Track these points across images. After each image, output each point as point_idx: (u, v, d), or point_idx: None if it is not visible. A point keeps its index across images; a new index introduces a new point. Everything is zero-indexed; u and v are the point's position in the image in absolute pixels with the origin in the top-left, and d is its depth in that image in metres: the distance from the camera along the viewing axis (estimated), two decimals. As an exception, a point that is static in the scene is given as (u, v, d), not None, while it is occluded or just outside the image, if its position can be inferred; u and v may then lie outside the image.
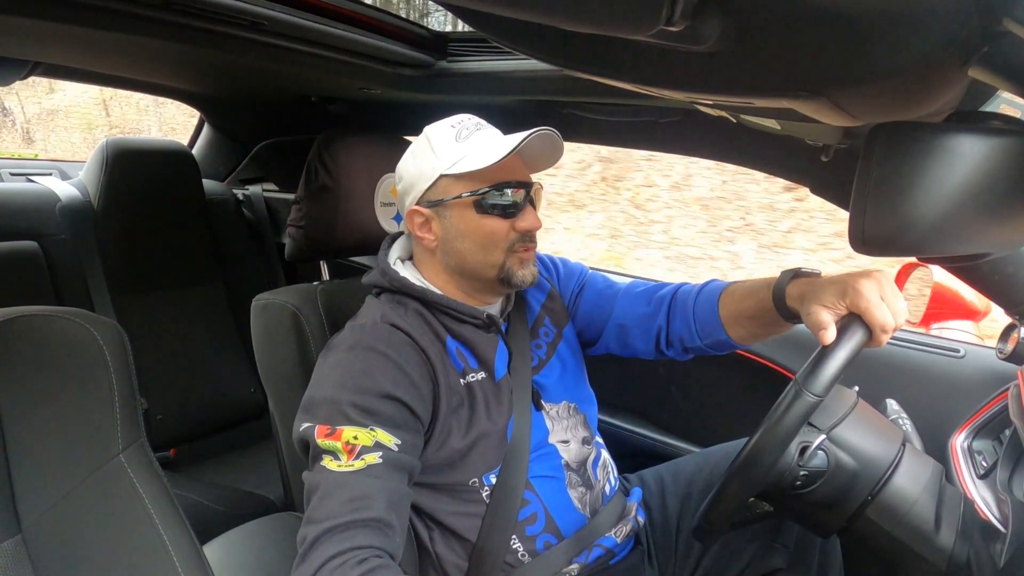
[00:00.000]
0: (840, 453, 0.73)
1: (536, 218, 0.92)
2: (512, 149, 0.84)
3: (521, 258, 0.91)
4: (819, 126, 0.69)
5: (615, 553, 0.95)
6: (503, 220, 0.89)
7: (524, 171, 0.93)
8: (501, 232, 0.89)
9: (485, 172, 0.87)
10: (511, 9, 0.39)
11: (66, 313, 0.72)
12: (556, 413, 0.98)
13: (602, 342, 1.06)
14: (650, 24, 0.36)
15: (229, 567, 1.03)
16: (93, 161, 1.74)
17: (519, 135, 0.86)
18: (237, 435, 1.89)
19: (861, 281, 0.73)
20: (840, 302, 0.74)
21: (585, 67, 0.56)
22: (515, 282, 0.91)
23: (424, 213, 0.91)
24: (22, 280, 1.56)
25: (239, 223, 2.03)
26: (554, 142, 0.90)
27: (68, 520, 0.68)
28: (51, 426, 0.69)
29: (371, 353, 0.83)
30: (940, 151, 0.46)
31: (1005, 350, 0.93)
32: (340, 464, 0.74)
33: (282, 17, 0.93)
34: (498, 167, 0.86)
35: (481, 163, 0.86)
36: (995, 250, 0.58)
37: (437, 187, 0.90)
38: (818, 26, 0.38)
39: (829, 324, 0.74)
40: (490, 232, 0.89)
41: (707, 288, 0.98)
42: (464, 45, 1.21)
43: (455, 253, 0.91)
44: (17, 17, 0.83)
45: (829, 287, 0.76)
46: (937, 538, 0.69)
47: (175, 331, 1.81)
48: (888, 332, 0.72)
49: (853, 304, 0.73)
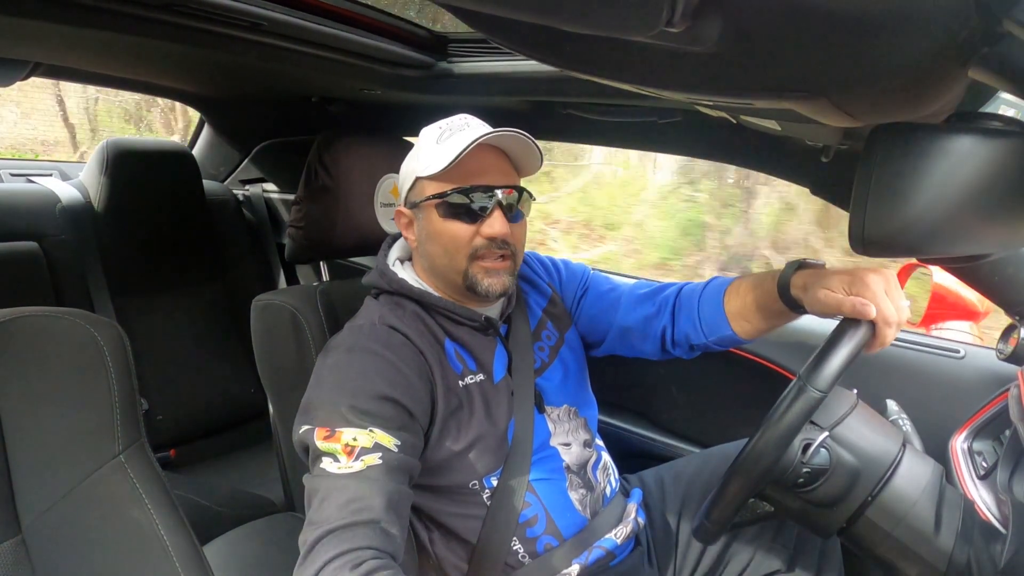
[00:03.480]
0: (842, 451, 0.73)
1: (503, 224, 0.86)
2: (463, 149, 0.82)
3: (486, 267, 0.87)
4: (819, 127, 0.68)
5: (615, 554, 0.95)
6: (467, 225, 0.87)
7: (504, 175, 0.89)
8: (463, 237, 0.87)
9: (453, 173, 0.85)
10: (511, 10, 0.39)
11: (66, 313, 0.72)
12: (558, 416, 0.98)
13: (606, 345, 1.06)
14: (650, 25, 0.36)
15: (229, 567, 1.03)
16: (93, 162, 1.74)
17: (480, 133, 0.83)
18: (237, 435, 1.89)
19: (868, 274, 0.74)
20: (845, 292, 0.74)
21: (585, 68, 0.56)
22: (480, 291, 0.88)
23: (407, 214, 0.93)
24: (22, 280, 1.56)
25: (239, 223, 2.03)
26: (525, 143, 0.86)
27: (68, 520, 0.68)
28: (51, 426, 0.69)
29: (369, 355, 0.83)
30: (940, 152, 0.46)
31: (1005, 351, 0.93)
32: (340, 466, 0.74)
33: (282, 18, 0.93)
34: (469, 169, 0.84)
35: (440, 164, 0.85)
36: (995, 251, 0.58)
37: (415, 188, 0.91)
38: (818, 27, 0.38)
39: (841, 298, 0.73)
40: (451, 236, 0.87)
41: (711, 285, 0.97)
42: (464, 46, 1.21)
43: (428, 256, 0.91)
44: (17, 17, 0.83)
45: (835, 276, 0.76)
46: (937, 539, 0.69)
47: (175, 331, 1.81)
48: (891, 325, 0.72)
49: (859, 294, 0.73)
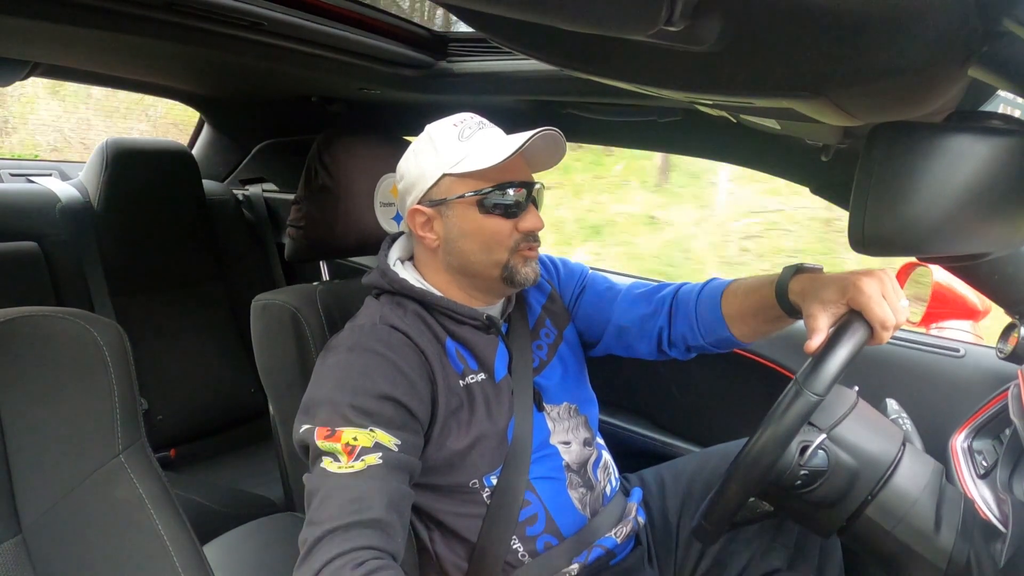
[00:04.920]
0: (840, 453, 0.72)
1: (538, 218, 0.92)
2: (517, 148, 0.84)
3: (525, 256, 0.91)
4: (819, 126, 0.68)
5: (615, 553, 0.95)
6: (506, 220, 0.89)
7: (526, 171, 0.93)
8: (504, 232, 0.89)
9: (488, 172, 0.87)
10: (511, 9, 0.39)
11: (66, 313, 0.72)
12: (557, 414, 0.98)
13: (603, 344, 1.06)
14: (650, 24, 0.36)
15: (229, 567, 1.03)
16: (93, 161, 1.74)
17: (523, 135, 0.86)
18: (237, 435, 1.89)
19: (862, 278, 0.74)
20: (841, 298, 0.75)
21: (585, 67, 0.56)
22: (518, 280, 0.91)
23: (426, 212, 0.91)
24: (22, 280, 1.56)
25: (239, 223, 2.03)
26: (557, 142, 0.90)
27: (68, 520, 0.68)
28: (51, 426, 0.69)
29: (370, 354, 0.83)
30: (940, 151, 0.46)
31: (1005, 350, 0.93)
32: (340, 466, 0.74)
33: (282, 17, 0.93)
34: (501, 167, 0.86)
35: (485, 163, 0.86)
36: (995, 250, 0.58)
37: (440, 186, 0.90)
38: (818, 26, 0.38)
39: (821, 331, 0.75)
40: (493, 232, 0.89)
41: (709, 286, 0.97)
42: (464, 45, 1.21)
43: (458, 253, 0.91)
44: (17, 17, 0.83)
45: (830, 283, 0.77)
46: (937, 538, 0.69)
47: (175, 331, 1.81)
48: (888, 329, 0.72)
49: (853, 300, 0.73)
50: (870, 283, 0.73)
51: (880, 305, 0.72)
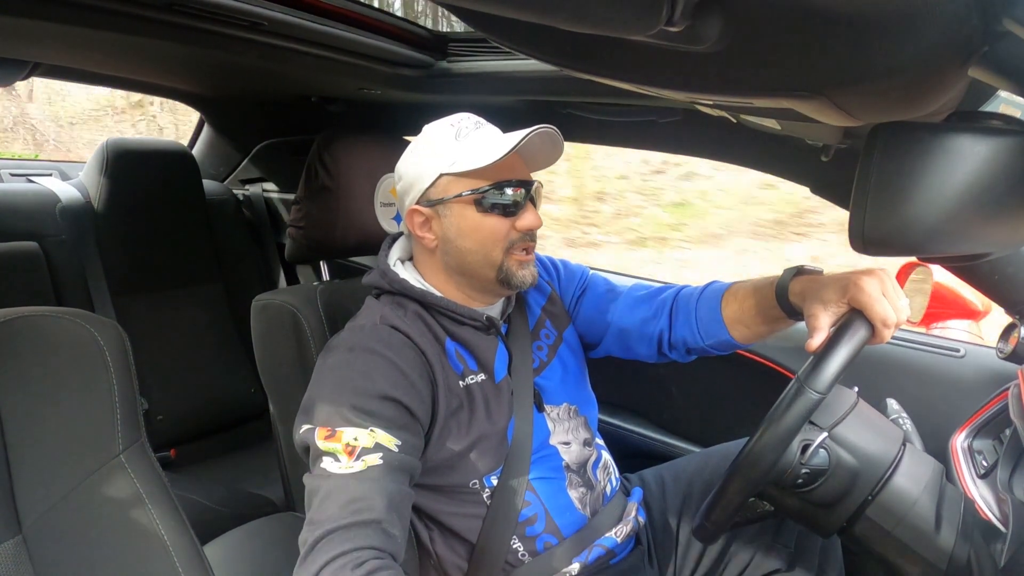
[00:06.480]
0: (841, 452, 0.73)
1: (536, 217, 0.92)
2: (514, 146, 0.84)
3: (520, 259, 0.90)
4: (819, 126, 0.69)
5: (615, 553, 0.95)
6: (504, 219, 0.89)
7: (524, 170, 0.93)
8: (501, 231, 0.89)
9: (485, 171, 0.87)
10: (511, 9, 0.39)
11: (66, 313, 0.72)
12: (557, 415, 0.98)
13: (603, 346, 1.06)
14: (650, 24, 0.36)
15: (229, 567, 1.03)
16: (93, 162, 1.74)
17: (519, 133, 0.86)
18: (237, 435, 1.89)
19: (863, 277, 0.74)
20: (841, 298, 0.75)
21: (585, 67, 0.56)
22: (515, 283, 0.91)
23: (424, 212, 0.91)
24: (22, 280, 1.56)
25: (239, 223, 2.03)
26: (554, 140, 0.89)
27: (69, 520, 0.68)
28: (52, 426, 0.69)
29: (370, 354, 0.83)
30: (940, 151, 0.46)
31: (1005, 350, 0.93)
32: (340, 466, 0.74)
33: (282, 17, 0.93)
34: (498, 166, 0.86)
35: (481, 161, 0.86)
36: (995, 250, 0.58)
37: (437, 186, 0.90)
38: (818, 26, 0.38)
39: (822, 330, 0.75)
40: (490, 231, 0.89)
41: (709, 289, 0.98)
42: (464, 45, 1.21)
43: (455, 252, 0.91)
44: (17, 17, 0.83)
45: (831, 284, 0.77)
46: (937, 538, 0.69)
47: (175, 331, 1.81)
48: (890, 327, 0.73)
49: (854, 299, 0.74)
50: (870, 282, 0.73)
51: (881, 303, 0.72)
